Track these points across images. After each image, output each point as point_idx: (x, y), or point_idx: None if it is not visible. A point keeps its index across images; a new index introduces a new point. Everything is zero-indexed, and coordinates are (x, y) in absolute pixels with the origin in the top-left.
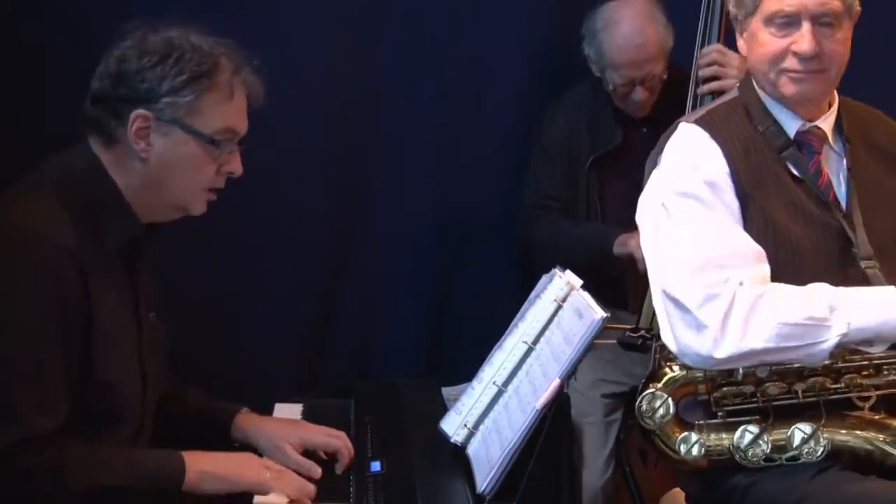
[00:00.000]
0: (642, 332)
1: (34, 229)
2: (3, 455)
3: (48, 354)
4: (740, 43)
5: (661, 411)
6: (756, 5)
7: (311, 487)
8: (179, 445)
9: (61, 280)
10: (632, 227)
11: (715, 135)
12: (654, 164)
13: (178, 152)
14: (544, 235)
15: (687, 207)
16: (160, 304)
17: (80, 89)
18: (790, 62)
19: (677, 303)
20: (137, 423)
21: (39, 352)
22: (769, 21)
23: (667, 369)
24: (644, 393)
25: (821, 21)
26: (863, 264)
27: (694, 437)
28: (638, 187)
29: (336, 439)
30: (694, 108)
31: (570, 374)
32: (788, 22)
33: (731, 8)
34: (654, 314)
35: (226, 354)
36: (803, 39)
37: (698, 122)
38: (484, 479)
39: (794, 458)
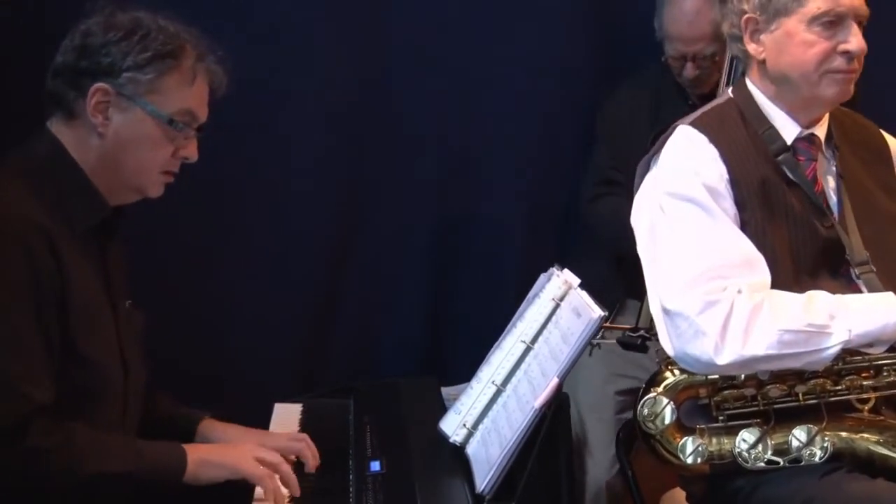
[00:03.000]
0: (641, 332)
1: (3, 207)
2: (9, 433)
3: (27, 327)
4: (753, 46)
5: (662, 416)
6: (796, 5)
7: (295, 487)
8: None
9: (33, 254)
10: None
11: (714, 139)
12: (648, 167)
13: (135, 130)
14: (605, 214)
15: (686, 211)
16: (158, 301)
17: None
18: (838, 62)
19: (676, 309)
20: (121, 407)
21: (18, 324)
22: (815, 20)
23: (667, 373)
24: (645, 397)
25: (859, 22)
26: (857, 270)
27: (695, 441)
28: None
29: (297, 442)
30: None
31: (568, 373)
32: (834, 21)
33: (746, 8)
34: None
35: (225, 354)
36: (854, 38)
37: (696, 125)
38: (483, 478)
39: (796, 461)
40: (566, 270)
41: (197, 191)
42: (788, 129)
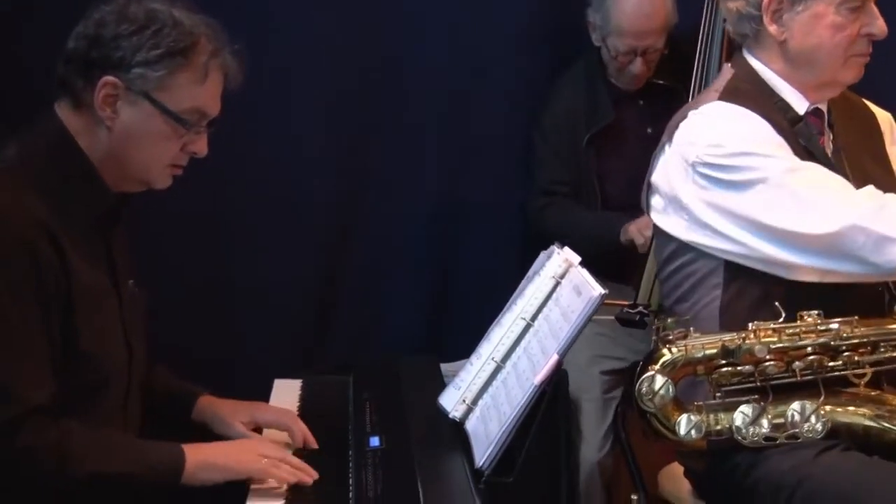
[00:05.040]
0: (640, 308)
1: (3, 202)
2: (2, 433)
3: (28, 327)
4: (774, 27)
5: (660, 394)
6: None
7: (310, 470)
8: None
9: (35, 252)
10: (632, 207)
11: (752, 109)
12: (662, 151)
13: (143, 125)
14: (552, 225)
15: (780, 159)
16: (157, 278)
17: None
18: (862, 45)
19: (843, 228)
20: (124, 394)
21: (19, 325)
22: (843, 4)
23: (665, 351)
24: (643, 376)
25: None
26: None
27: (692, 418)
28: (635, 164)
29: (285, 417)
30: (702, 79)
31: (568, 351)
32: (860, 6)
33: None
34: (652, 290)
35: (226, 331)
36: (878, 22)
37: (725, 98)
38: (482, 454)
39: (794, 437)
40: (566, 248)
41: (198, 168)
42: (798, 104)
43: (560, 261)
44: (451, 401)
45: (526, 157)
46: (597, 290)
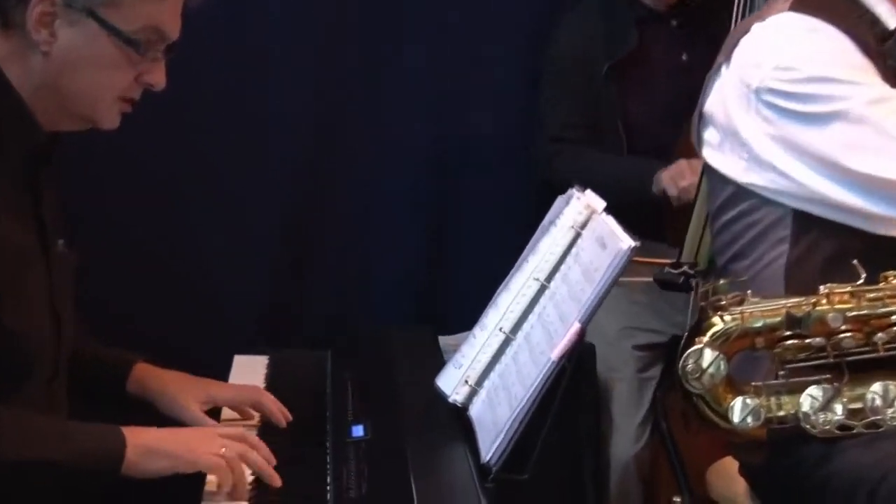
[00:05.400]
0: (685, 268)
1: None
2: None
3: None
4: None
5: (709, 372)
6: None
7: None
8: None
9: None
10: (663, 151)
11: (832, 21)
12: (718, 73)
13: (87, 49)
14: (566, 176)
15: (853, 94)
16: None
17: None
18: None
19: None
20: (51, 373)
21: None
22: None
23: (716, 319)
24: (689, 350)
25: None
26: None
27: (749, 402)
28: (666, 99)
29: (250, 392)
30: None
31: (592, 318)
32: None
33: None
34: (699, 245)
35: (181, 300)
36: None
37: (798, 8)
38: (489, 445)
39: (875, 426)
40: (589, 192)
41: (152, 111)
42: (887, 16)
43: (580, 207)
44: (451, 381)
45: (534, 96)
46: (626, 241)
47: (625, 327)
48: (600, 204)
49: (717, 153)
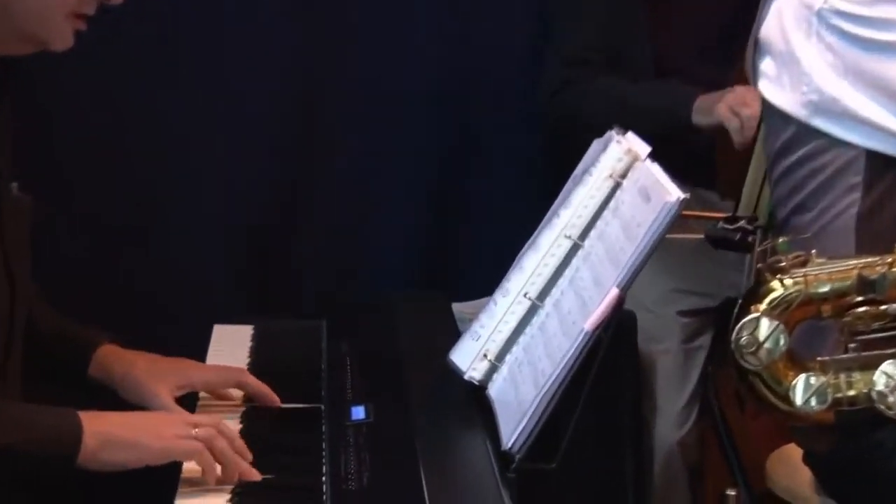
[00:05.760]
0: (742, 224)
1: None
2: None
3: None
4: None
5: (767, 345)
6: None
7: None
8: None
9: None
10: (706, 80)
11: None
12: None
13: None
14: (586, 106)
15: None
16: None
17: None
18: None
19: None
20: (3, 344)
21: None
22: None
23: (775, 283)
24: (744, 320)
25: None
26: None
27: (814, 380)
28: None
29: (230, 373)
30: None
31: (632, 282)
32: None
33: None
34: (759, 196)
35: (157, 263)
36: None
37: None
38: (512, 430)
39: None
40: (631, 135)
41: (134, 55)
42: None
43: (621, 153)
44: (468, 356)
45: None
46: (674, 193)
47: (669, 290)
48: (644, 149)
49: (774, 86)
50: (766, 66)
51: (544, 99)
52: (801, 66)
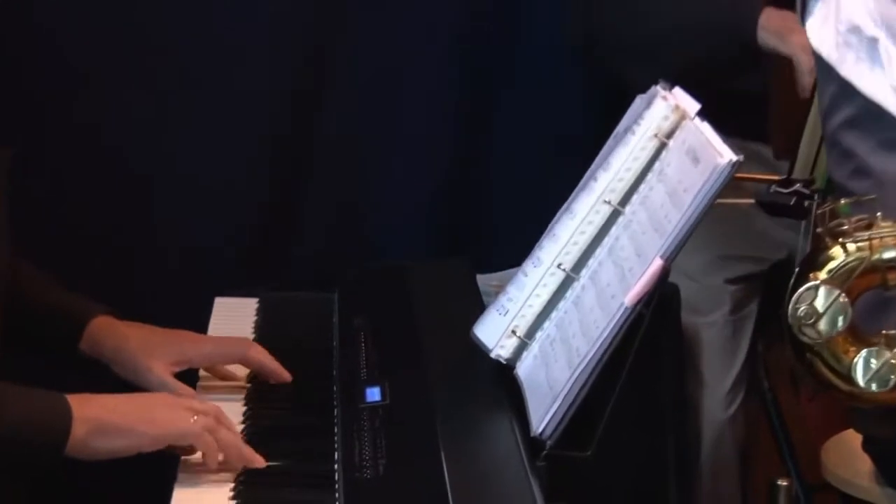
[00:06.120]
0: (798, 188)
1: None
2: None
3: None
4: None
5: (827, 317)
6: None
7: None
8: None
9: None
10: None
11: None
12: None
13: None
14: (629, 24)
15: None
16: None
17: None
18: None
19: None
20: None
21: None
22: None
23: (836, 249)
24: (801, 289)
25: None
26: None
27: (877, 358)
28: None
29: (234, 345)
30: None
31: (678, 253)
32: None
33: None
34: (816, 159)
35: (154, 230)
36: None
37: None
38: (542, 414)
39: None
40: (678, 90)
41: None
42: None
43: (667, 110)
44: (495, 332)
45: None
46: (726, 155)
47: (715, 257)
48: (693, 105)
49: (816, 24)
50: (817, 7)
51: (578, 21)
52: (840, 5)
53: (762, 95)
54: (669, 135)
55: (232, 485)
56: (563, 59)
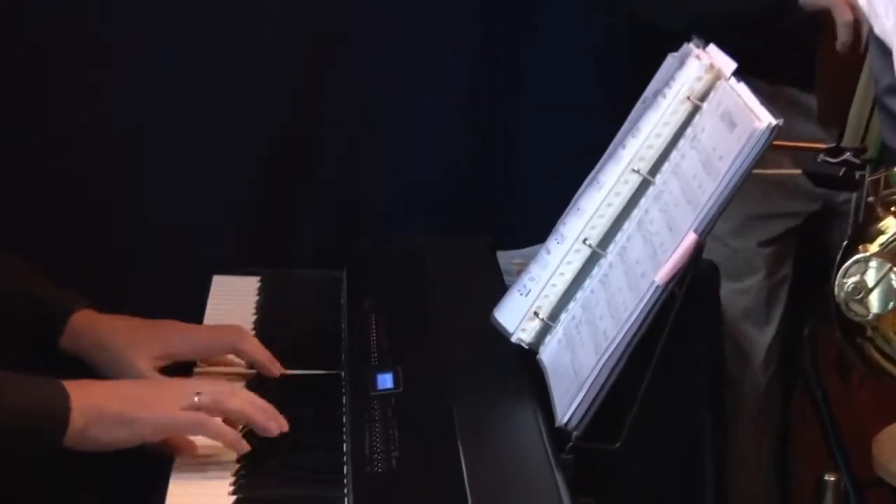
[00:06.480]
0: (847, 157)
1: None
2: None
3: None
4: None
5: (877, 291)
6: None
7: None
8: None
9: None
10: None
11: None
12: None
13: None
14: None
15: None
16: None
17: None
18: None
19: None
20: None
21: None
22: None
23: (888, 220)
24: (850, 261)
25: None
26: None
27: None
28: None
29: (225, 335)
30: None
31: (713, 226)
32: None
33: None
34: (867, 126)
35: (147, 207)
36: None
37: None
38: (568, 402)
39: None
40: (713, 47)
41: None
42: None
43: (700, 70)
44: (516, 314)
45: None
46: (764, 119)
47: (745, 217)
48: (729, 64)
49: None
50: None
51: None
52: None
53: (809, 36)
54: (703, 97)
55: (232, 479)
56: (589, 23)
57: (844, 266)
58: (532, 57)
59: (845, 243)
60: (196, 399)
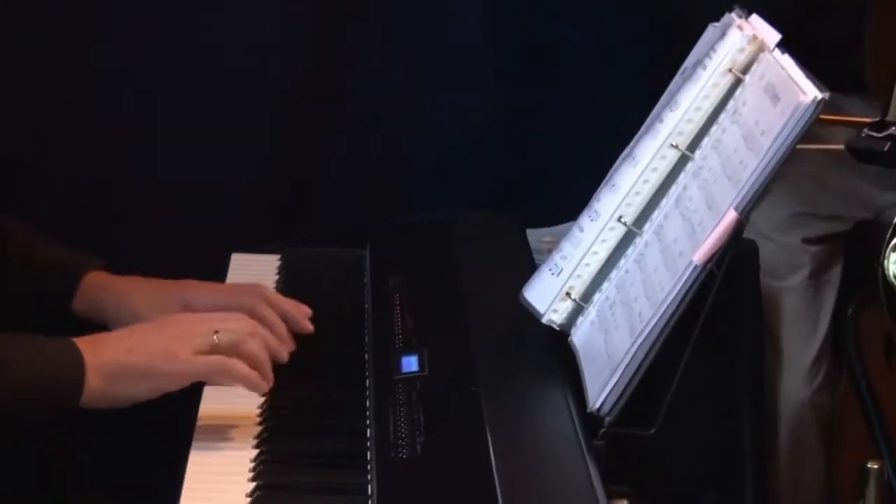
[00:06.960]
0: (893, 131)
1: None
2: None
3: None
4: None
5: None
6: None
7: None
8: None
9: None
10: None
11: None
12: None
13: None
14: None
15: None
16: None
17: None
18: None
19: None
20: None
21: None
22: None
23: None
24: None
25: None
26: None
27: None
28: None
29: (243, 293)
30: None
31: (755, 204)
32: None
33: None
34: None
35: (166, 181)
36: None
37: None
38: (601, 387)
39: None
40: (756, 17)
41: None
42: None
43: (743, 41)
44: (547, 294)
45: None
46: (810, 92)
47: (792, 213)
48: (773, 36)
49: None
50: None
51: None
52: None
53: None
54: (745, 69)
55: (251, 465)
56: None
57: (895, 241)
58: (566, 29)
59: (895, 222)
60: (215, 338)
